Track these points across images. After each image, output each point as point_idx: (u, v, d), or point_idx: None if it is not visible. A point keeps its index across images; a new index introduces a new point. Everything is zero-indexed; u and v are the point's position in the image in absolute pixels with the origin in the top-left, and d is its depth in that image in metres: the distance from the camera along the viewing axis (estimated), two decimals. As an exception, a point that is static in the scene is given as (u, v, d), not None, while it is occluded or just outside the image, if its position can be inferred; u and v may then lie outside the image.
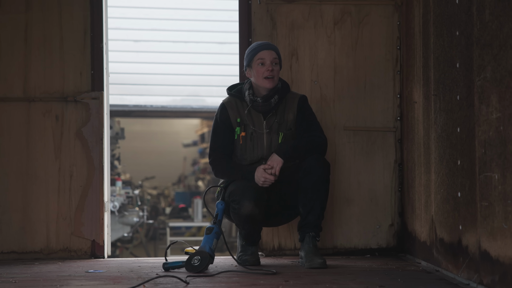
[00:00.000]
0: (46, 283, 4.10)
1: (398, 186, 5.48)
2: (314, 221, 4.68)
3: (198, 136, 18.14)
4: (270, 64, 4.77)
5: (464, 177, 3.91)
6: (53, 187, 5.44)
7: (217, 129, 4.90)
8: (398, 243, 5.47)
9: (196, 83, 12.10)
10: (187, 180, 17.49)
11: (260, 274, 4.34)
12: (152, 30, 11.89)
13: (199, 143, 18.06)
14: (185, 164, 18.26)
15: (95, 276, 4.40)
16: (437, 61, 4.45)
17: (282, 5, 5.50)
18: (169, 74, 12.01)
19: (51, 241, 5.43)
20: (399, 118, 5.48)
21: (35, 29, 5.46)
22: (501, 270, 3.38)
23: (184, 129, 18.56)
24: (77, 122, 5.45)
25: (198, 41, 11.99)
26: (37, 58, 5.46)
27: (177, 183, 17.74)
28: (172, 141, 18.64)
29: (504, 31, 3.32)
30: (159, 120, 17.48)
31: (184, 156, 18.38)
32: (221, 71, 11.86)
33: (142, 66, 11.84)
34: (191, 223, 13.82)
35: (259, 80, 4.78)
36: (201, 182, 16.86)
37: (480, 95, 3.63)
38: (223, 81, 11.52)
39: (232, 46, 11.74)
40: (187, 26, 11.96)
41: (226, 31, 11.89)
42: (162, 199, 16.70)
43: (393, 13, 5.52)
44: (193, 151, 18.41)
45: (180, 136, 18.63)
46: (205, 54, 11.98)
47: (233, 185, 4.72)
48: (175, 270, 4.52)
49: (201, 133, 17.61)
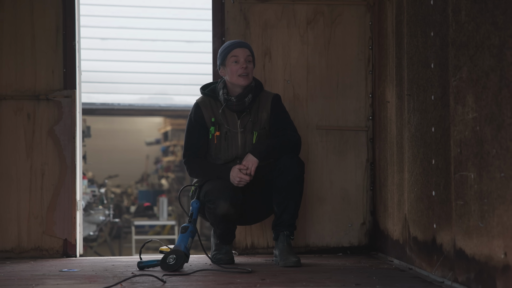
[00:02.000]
0: (21, 282, 4.07)
1: (370, 185, 5.52)
2: (288, 219, 4.71)
3: (161, 134, 18.11)
4: (244, 62, 4.79)
5: (439, 176, 3.95)
6: (25, 186, 5.40)
7: (191, 128, 4.90)
8: (370, 242, 5.52)
9: (164, 82, 12.09)
10: (150, 178, 17.45)
11: (236, 273, 4.34)
12: (119, 28, 11.86)
13: (162, 141, 18.03)
14: (148, 162, 18.22)
15: (70, 275, 4.38)
16: (410, 61, 4.49)
17: (255, 4, 5.51)
18: (137, 73, 12.00)
19: (23, 240, 5.39)
20: (371, 117, 5.52)
21: (6, 26, 5.42)
22: (477, 268, 3.43)
23: (146, 127, 18.52)
24: (49, 121, 5.42)
25: (166, 39, 11.98)
26: (8, 55, 5.42)
27: (140, 181, 17.69)
28: (134, 139, 18.59)
29: (481, 32, 3.36)
30: (122, 118, 17.43)
31: (146, 154, 18.34)
32: (189, 70, 11.87)
33: (109, 64, 11.81)
34: (156, 221, 13.80)
35: (234, 78, 4.79)
36: (165, 180, 16.84)
37: (456, 95, 3.68)
38: (191, 79, 11.54)
39: (200, 44, 11.77)
40: (155, 24, 11.95)
41: (194, 30, 11.90)
42: (125, 197, 16.65)
43: (365, 13, 5.56)
44: (155, 149, 18.38)
45: (142, 134, 18.58)
46: (173, 52, 11.97)
47: (208, 184, 4.73)
48: (150, 269, 4.51)
49: (164, 131, 17.58)
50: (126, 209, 15.31)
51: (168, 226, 14.14)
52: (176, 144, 16.69)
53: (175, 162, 16.78)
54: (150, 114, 15.22)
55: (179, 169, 16.45)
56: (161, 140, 18.12)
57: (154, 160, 18.35)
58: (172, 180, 16.54)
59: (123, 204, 15.42)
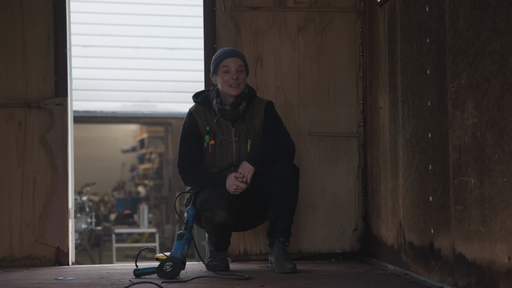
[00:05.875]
0: (19, 291, 4.05)
1: (362, 191, 5.55)
2: (283, 226, 4.72)
3: (137, 141, 18.07)
4: (235, 72, 4.78)
5: (436, 181, 3.98)
6: (16, 194, 5.38)
7: (185, 137, 4.89)
8: (362, 247, 5.55)
9: (147, 89, 12.08)
10: (126, 186, 17.40)
11: (233, 280, 4.35)
12: (102, 35, 11.83)
13: (138, 149, 18.00)
14: (124, 170, 18.17)
15: (67, 283, 4.36)
16: (405, 68, 4.52)
17: (246, 11, 5.53)
18: (119, 80, 11.97)
19: (15, 248, 5.37)
20: (362, 123, 5.55)
21: (-3, 34, 5.41)
22: (478, 273, 3.45)
23: (122, 134, 18.50)
24: (40, 128, 5.40)
25: (149, 46, 11.97)
26: (-1, 63, 5.41)
27: (117, 189, 17.65)
28: (110, 147, 18.52)
29: (481, 38, 3.39)
30: (97, 126, 17.39)
31: (122, 162, 18.29)
32: (172, 77, 11.86)
33: (92, 71, 11.77)
34: (137, 229, 13.77)
35: (225, 88, 4.79)
36: (142, 188, 16.80)
37: (454, 101, 3.71)
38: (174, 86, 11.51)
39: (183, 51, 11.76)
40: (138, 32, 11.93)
41: (177, 37, 11.90)
42: (102, 205, 16.58)
43: (356, 20, 5.59)
44: (131, 157, 18.35)
45: (117, 142, 18.53)
46: (155, 59, 11.97)
47: (204, 192, 4.72)
48: (146, 277, 4.50)
49: (140, 138, 17.56)
50: (103, 217, 15.25)
51: (147, 233, 14.11)
52: (153, 152, 16.67)
53: (152, 170, 16.76)
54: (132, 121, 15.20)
55: (156, 177, 16.43)
56: (137, 148, 18.08)
57: (130, 168, 18.31)
58: (150, 188, 16.51)
59: (100, 212, 15.36)
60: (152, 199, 16.11)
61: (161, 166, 16.24)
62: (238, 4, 5.53)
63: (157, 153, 16.57)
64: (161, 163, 16.28)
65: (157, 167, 16.53)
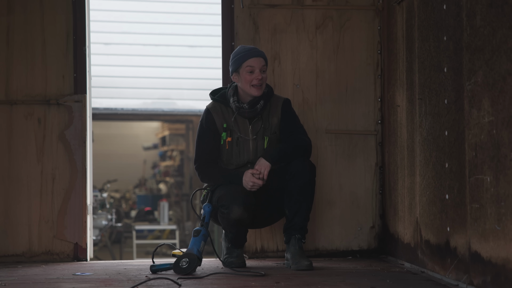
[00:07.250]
0: (36, 286, 4.08)
1: (379, 189, 5.55)
2: (300, 223, 4.72)
3: (158, 139, 18.12)
4: (259, 73, 4.77)
5: (453, 179, 3.98)
6: (36, 190, 5.42)
7: (202, 134, 4.91)
8: (379, 245, 5.54)
9: (166, 86, 12.11)
10: (147, 183, 17.46)
11: (249, 276, 4.37)
12: (122, 33, 11.87)
13: (159, 146, 18.04)
14: (145, 167, 18.23)
15: (84, 279, 4.39)
16: (422, 66, 4.52)
17: (264, 9, 5.54)
18: (140, 77, 12.02)
19: (34, 244, 5.41)
20: (380, 121, 5.55)
21: (17, 32, 5.44)
22: (494, 271, 3.45)
23: (143, 132, 18.55)
24: (59, 125, 5.44)
25: (169, 44, 12.00)
26: (19, 61, 5.45)
27: (138, 186, 17.71)
28: (131, 144, 18.58)
29: (498, 36, 3.39)
30: (119, 123, 17.45)
31: (144, 159, 18.35)
32: (192, 74, 11.89)
33: (112, 69, 11.82)
34: (157, 226, 13.83)
35: (247, 87, 4.78)
36: (163, 185, 16.85)
37: (471, 99, 3.70)
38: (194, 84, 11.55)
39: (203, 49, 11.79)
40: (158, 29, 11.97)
41: (196, 35, 11.92)
42: (123, 202, 16.66)
43: (374, 18, 5.59)
44: (153, 154, 18.39)
45: (139, 139, 18.59)
46: (175, 57, 11.99)
47: (221, 189, 4.74)
48: (163, 273, 4.53)
49: (162, 136, 17.59)
50: (125, 213, 15.32)
51: (168, 230, 14.16)
52: (174, 149, 16.70)
53: (173, 167, 16.79)
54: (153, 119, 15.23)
55: (177, 174, 16.47)
56: (159, 145, 18.13)
57: (152, 165, 18.37)
58: (171, 185, 16.55)
59: (121, 209, 15.43)
60: (173, 196, 16.14)
61: (182, 163, 16.28)
62: (256, 2, 5.54)
63: (178, 150, 16.61)
64: (182, 161, 16.32)
65: (178, 165, 16.57)
